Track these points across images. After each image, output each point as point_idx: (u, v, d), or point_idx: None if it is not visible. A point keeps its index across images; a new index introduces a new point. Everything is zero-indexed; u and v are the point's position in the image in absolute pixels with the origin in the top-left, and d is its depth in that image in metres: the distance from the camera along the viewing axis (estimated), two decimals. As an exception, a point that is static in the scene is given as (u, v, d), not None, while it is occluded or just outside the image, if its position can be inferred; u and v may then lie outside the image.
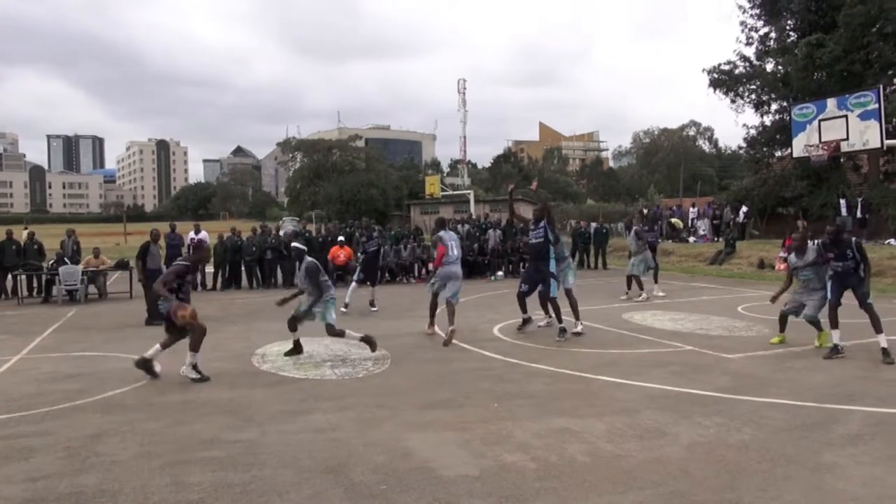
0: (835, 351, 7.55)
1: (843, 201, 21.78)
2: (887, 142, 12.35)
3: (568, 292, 9.54)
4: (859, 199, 21.34)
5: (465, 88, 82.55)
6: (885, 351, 7.30)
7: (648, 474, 4.19)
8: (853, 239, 7.91)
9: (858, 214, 20.93)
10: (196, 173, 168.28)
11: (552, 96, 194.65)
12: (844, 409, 5.48)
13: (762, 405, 5.67)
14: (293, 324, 8.10)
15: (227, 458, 4.58)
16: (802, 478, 4.11)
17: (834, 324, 7.62)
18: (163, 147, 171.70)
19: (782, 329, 8.48)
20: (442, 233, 9.55)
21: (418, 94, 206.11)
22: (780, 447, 4.63)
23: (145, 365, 6.98)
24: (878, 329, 7.47)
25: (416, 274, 19.28)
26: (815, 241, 8.27)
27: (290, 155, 61.75)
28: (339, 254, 17.72)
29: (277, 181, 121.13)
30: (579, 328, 9.31)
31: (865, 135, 11.70)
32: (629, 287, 13.59)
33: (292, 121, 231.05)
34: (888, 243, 18.71)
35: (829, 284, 7.84)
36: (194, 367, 6.93)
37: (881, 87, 12.58)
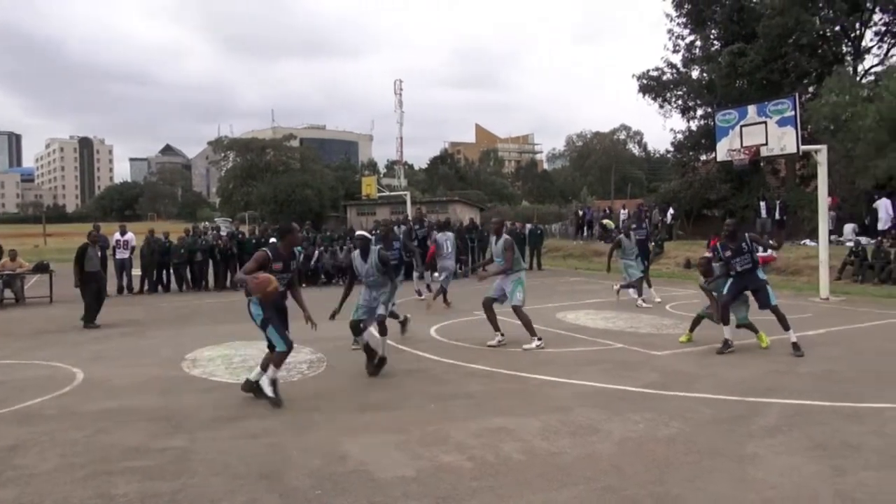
0: (726, 346, 7.86)
1: (762, 203, 22.86)
2: (803, 147, 12.99)
3: (515, 309, 8.61)
4: (778, 202, 22.42)
5: (401, 89, 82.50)
6: (795, 345, 7.64)
7: (581, 470, 4.28)
8: (747, 234, 8.13)
9: (777, 216, 22.01)
10: (122, 172, 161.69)
11: (488, 99, 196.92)
12: (764, 402, 5.74)
13: (689, 400, 5.88)
14: (358, 327, 7.44)
15: (155, 467, 4.42)
16: (726, 469, 4.28)
17: (725, 320, 7.91)
18: (86, 145, 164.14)
19: (692, 329, 8.64)
20: (437, 234, 11.49)
21: (354, 94, 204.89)
22: (706, 440, 4.81)
23: (250, 387, 6.14)
24: (785, 327, 7.73)
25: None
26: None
27: (222, 154, 60.13)
28: (274, 255, 17.41)
29: (209, 181, 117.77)
30: (534, 345, 8.44)
31: (783, 140, 12.25)
32: (640, 292, 12.96)
33: (224, 119, 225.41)
34: (804, 243, 19.72)
35: (728, 282, 8.04)
36: (273, 382, 5.97)
37: (797, 95, 13.20)
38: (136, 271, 16.83)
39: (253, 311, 6.21)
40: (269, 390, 5.91)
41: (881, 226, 18.41)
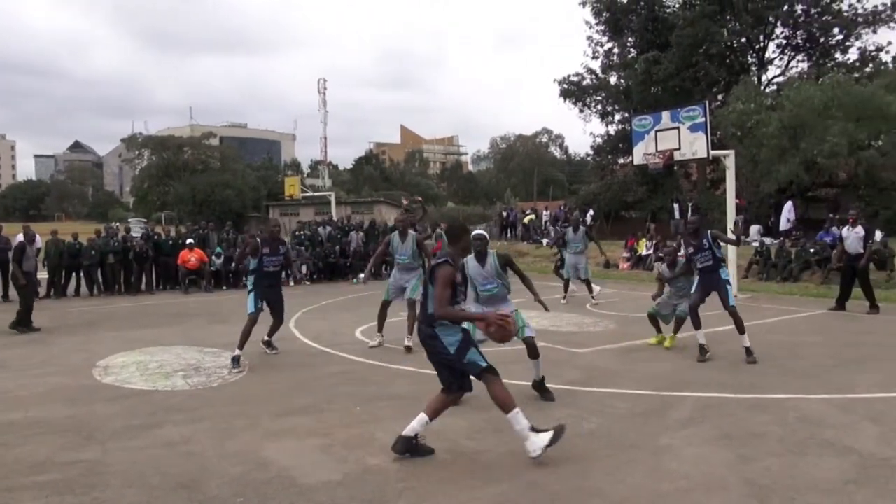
0: (703, 352, 7.60)
1: (676, 205, 23.90)
2: (713, 152, 13.65)
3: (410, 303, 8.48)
4: (690, 204, 23.47)
5: (325, 88, 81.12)
6: (748, 350, 7.44)
7: (506, 467, 4.35)
8: (709, 231, 7.95)
9: (689, 217, 23.03)
10: (26, 170, 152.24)
11: (413, 100, 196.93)
12: (678, 396, 6.00)
13: (608, 395, 6.08)
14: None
15: (63, 481, 4.20)
16: (643, 461, 4.45)
17: (697, 324, 7.71)
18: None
19: (658, 329, 8.54)
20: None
21: (276, 92, 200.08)
22: (624, 434, 4.99)
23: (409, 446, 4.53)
24: (740, 331, 7.54)
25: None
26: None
27: (137, 152, 57.63)
28: (190, 257, 16.86)
29: (122, 180, 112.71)
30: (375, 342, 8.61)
31: (694, 145, 12.84)
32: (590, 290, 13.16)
33: (139, 116, 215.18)
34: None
35: (695, 283, 7.95)
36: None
37: (707, 102, 13.89)
38: (43, 274, 15.90)
39: (448, 340, 4.50)
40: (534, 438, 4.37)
41: (782, 226, 19.55)
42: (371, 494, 3.95)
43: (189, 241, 17.08)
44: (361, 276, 18.87)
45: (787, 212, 19.70)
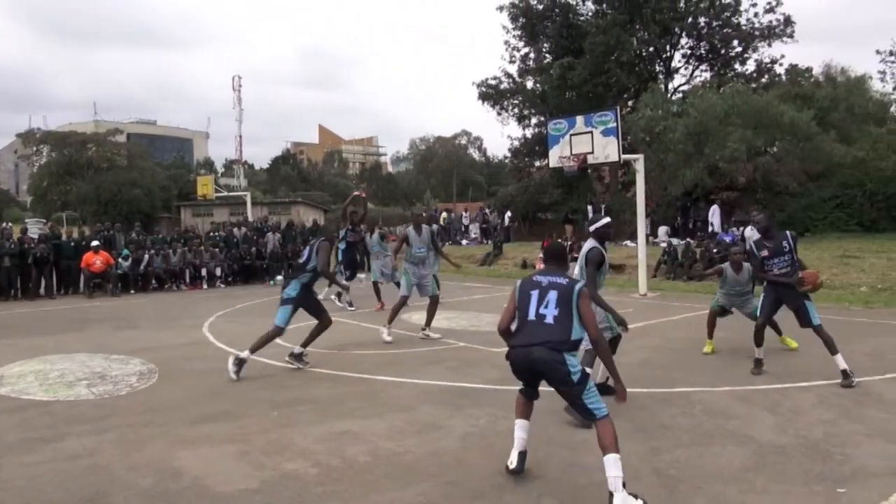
0: (758, 364, 6.90)
1: (590, 207, 24.69)
2: (624, 156, 14.17)
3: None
4: (603, 206, 24.30)
5: (240, 86, 79.03)
6: (844, 373, 6.23)
7: (427, 467, 4.37)
8: (788, 232, 6.83)
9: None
10: None
11: (333, 99, 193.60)
12: (593, 392, 6.19)
13: (526, 393, 6.19)
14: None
15: (-47, 502, 3.90)
16: (561, 455, 4.57)
17: (759, 342, 6.85)
18: None
19: (711, 335, 7.98)
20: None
21: (188, 89, 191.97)
22: (542, 429, 5.09)
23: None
24: (832, 351, 6.32)
25: (187, 280, 18.03)
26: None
27: (35, 148, 54.18)
28: (95, 260, 16.03)
29: (18, 178, 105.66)
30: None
31: (607, 149, 13.28)
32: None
33: (36, 110, 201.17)
34: (626, 244, 21.51)
35: (762, 297, 6.93)
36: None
37: (618, 108, 14.42)
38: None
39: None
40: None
41: (716, 229, 20.24)
42: (289, 500, 3.88)
43: (94, 242, 16.23)
44: (279, 277, 18.61)
45: (716, 216, 20.47)
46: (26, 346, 9.05)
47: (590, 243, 5.83)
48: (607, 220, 6.09)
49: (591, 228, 5.99)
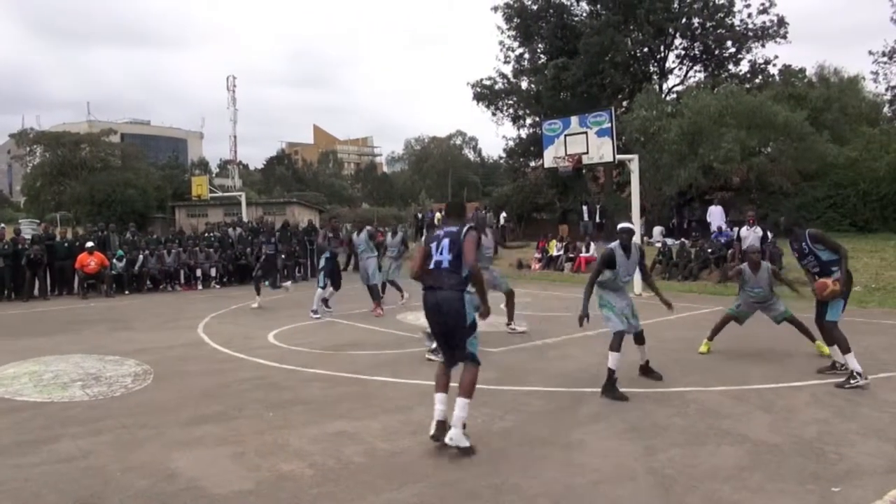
0: (833, 367, 6.64)
1: (585, 207, 24.71)
2: (618, 156, 14.21)
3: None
4: (598, 206, 24.34)
5: (234, 86, 78.49)
6: (852, 374, 6.10)
7: (422, 468, 4.37)
8: (808, 231, 6.61)
9: (597, 219, 23.89)
10: None
11: (327, 100, 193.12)
12: (588, 392, 6.21)
13: (522, 393, 6.21)
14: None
15: (-54, 504, 3.88)
16: (556, 456, 4.58)
17: (829, 341, 6.64)
18: None
19: (712, 336, 7.89)
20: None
21: (183, 89, 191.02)
22: (537, 430, 5.11)
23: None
24: (843, 349, 6.20)
25: (182, 281, 17.98)
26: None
27: (28, 148, 53.91)
28: (90, 261, 15.99)
29: (11, 178, 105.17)
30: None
31: (601, 150, 13.32)
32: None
33: (29, 110, 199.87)
34: (620, 244, 21.54)
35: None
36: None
37: (613, 108, 14.46)
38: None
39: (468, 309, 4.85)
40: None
41: (713, 228, 20.19)
42: (285, 501, 3.88)
43: (89, 244, 16.18)
44: (288, 283, 18.56)
45: (719, 216, 20.39)
46: (20, 347, 9.02)
47: (610, 244, 6.56)
48: (625, 225, 6.59)
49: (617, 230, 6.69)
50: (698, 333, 8.24)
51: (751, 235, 11.84)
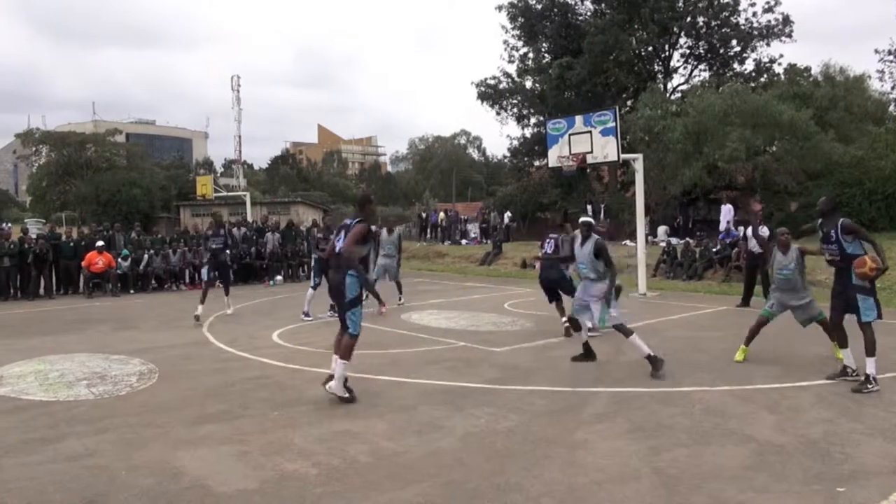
0: (844, 373, 6.41)
1: (589, 207, 24.68)
2: (623, 156, 14.18)
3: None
4: (602, 206, 24.32)
5: (239, 86, 78.63)
6: (866, 377, 6.05)
7: (427, 467, 4.37)
8: (841, 221, 6.31)
9: (601, 219, 23.85)
10: None
11: (331, 99, 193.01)
12: (592, 392, 6.20)
13: (526, 393, 6.21)
14: None
15: (-47, 502, 3.90)
16: (560, 455, 4.57)
17: (843, 342, 6.46)
18: None
19: (748, 342, 7.43)
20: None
21: (187, 89, 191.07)
22: (541, 430, 5.11)
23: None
24: (868, 352, 6.06)
25: (187, 280, 18.02)
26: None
27: (34, 148, 54.13)
28: (98, 260, 16.06)
29: (17, 178, 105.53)
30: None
31: (606, 149, 13.30)
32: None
33: (35, 110, 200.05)
34: (625, 244, 21.52)
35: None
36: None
37: (617, 108, 14.44)
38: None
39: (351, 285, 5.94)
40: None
41: (721, 227, 20.12)
42: (290, 501, 3.88)
43: (99, 243, 16.24)
44: (278, 277, 18.60)
45: (727, 214, 20.26)
46: (26, 346, 9.05)
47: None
48: (584, 219, 7.38)
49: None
50: (702, 333, 8.23)
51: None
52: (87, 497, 3.96)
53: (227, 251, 12.07)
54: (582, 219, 7.62)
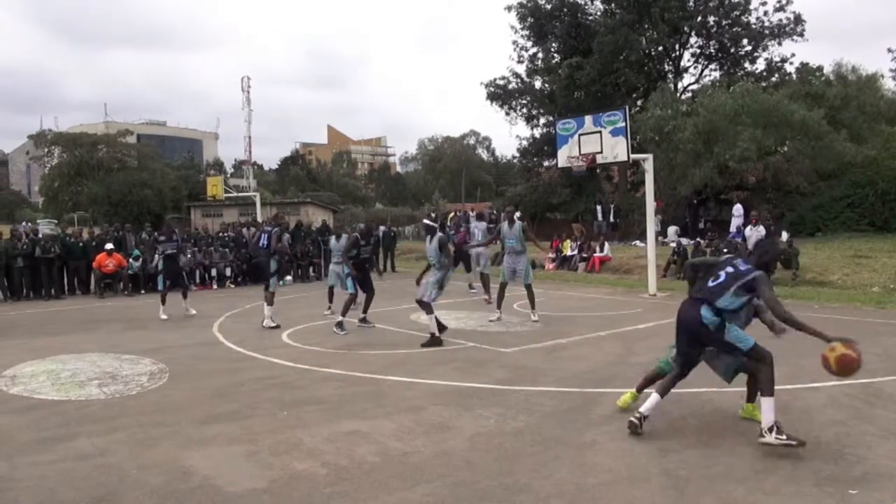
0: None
1: (599, 207, 24.62)
2: (633, 156, 14.12)
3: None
4: (612, 206, 24.24)
5: (249, 87, 78.87)
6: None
7: (435, 468, 4.37)
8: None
9: (611, 219, 23.80)
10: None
11: (340, 100, 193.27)
12: (601, 392, 6.18)
13: (534, 394, 6.19)
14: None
15: (-34, 500, 3.94)
16: (568, 456, 4.56)
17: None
18: None
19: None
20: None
21: (198, 90, 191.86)
22: (550, 431, 5.10)
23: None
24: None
25: (197, 280, 18.10)
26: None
27: (46, 150, 54.58)
28: (108, 262, 16.17)
29: (30, 179, 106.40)
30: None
31: (616, 149, 13.24)
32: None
33: (48, 111, 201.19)
34: (635, 244, 21.46)
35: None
36: None
37: (627, 107, 14.38)
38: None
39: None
40: None
41: (732, 228, 20.03)
42: (299, 501, 3.89)
43: (108, 245, 16.34)
44: (288, 277, 18.64)
45: (738, 213, 20.10)
46: (38, 346, 9.13)
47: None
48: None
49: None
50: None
51: (754, 235, 11.82)
52: (98, 496, 3.99)
53: (181, 256, 12.36)
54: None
